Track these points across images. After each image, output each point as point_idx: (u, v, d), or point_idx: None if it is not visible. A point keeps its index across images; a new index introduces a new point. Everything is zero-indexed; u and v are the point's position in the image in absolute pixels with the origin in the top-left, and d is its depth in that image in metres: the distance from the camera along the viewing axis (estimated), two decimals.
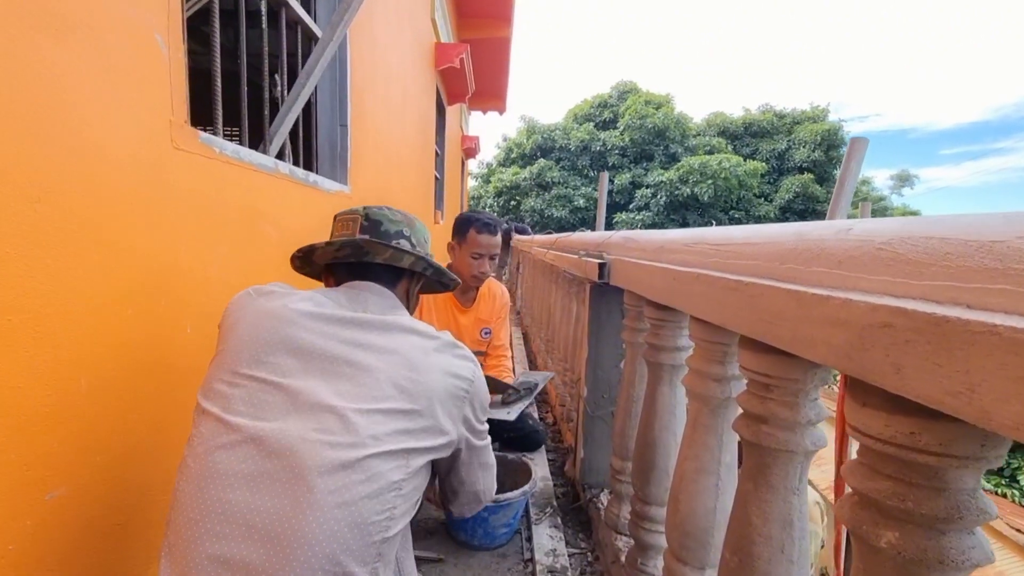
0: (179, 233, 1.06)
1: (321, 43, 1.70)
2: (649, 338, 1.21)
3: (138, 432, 0.96)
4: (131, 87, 0.92)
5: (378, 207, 1.01)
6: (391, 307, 0.92)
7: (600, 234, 1.80)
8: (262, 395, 0.73)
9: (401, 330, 0.84)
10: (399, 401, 0.77)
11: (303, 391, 0.73)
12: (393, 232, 0.98)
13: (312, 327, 0.79)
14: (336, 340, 0.79)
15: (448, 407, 0.82)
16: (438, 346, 0.86)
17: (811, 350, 0.55)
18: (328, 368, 0.76)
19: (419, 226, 1.05)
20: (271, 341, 0.77)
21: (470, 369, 0.88)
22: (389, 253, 0.93)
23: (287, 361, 0.76)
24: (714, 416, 0.95)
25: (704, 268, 0.87)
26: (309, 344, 0.77)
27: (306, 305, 0.82)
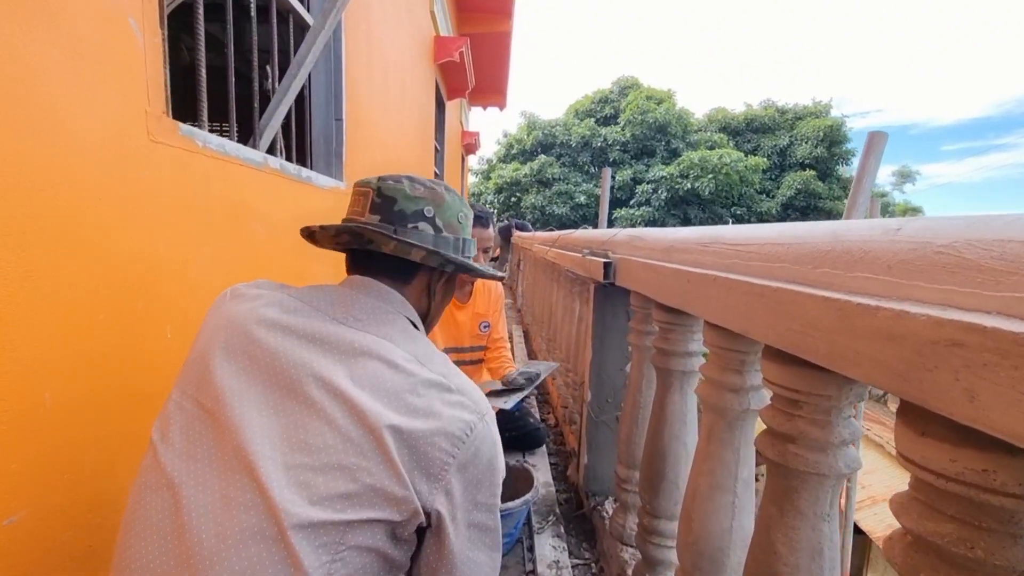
0: (158, 231, 1.00)
1: (313, 31, 1.63)
2: (658, 342, 1.14)
3: (111, 447, 0.89)
4: (102, 75, 0.85)
5: (396, 179, 0.80)
6: (384, 315, 0.74)
7: (604, 232, 1.73)
8: (198, 426, 0.63)
9: (370, 357, 0.66)
10: (342, 454, 0.60)
11: (233, 429, 0.60)
12: (410, 212, 0.78)
13: (268, 341, 0.66)
14: (289, 362, 0.65)
15: (414, 468, 0.62)
16: (417, 385, 0.66)
17: (854, 367, 0.48)
18: (270, 397, 0.63)
19: (451, 202, 0.83)
20: (221, 356, 0.66)
21: (464, 424, 0.66)
22: (393, 245, 0.74)
23: (231, 382, 0.64)
24: (731, 429, 0.88)
25: (721, 270, 0.81)
26: (259, 363, 0.65)
27: (274, 311, 0.70)
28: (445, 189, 0.84)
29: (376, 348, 0.68)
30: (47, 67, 0.74)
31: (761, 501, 0.72)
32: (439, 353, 0.75)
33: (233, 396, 0.63)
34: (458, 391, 0.69)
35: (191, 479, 0.59)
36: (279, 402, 0.63)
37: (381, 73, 2.86)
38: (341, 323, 0.70)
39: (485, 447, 0.69)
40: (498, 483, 0.73)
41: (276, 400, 0.63)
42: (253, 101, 1.58)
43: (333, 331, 0.68)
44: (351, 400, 0.62)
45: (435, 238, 0.80)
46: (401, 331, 0.74)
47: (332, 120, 2.19)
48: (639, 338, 1.34)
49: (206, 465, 0.60)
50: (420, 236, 0.79)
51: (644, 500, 1.19)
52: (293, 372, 0.64)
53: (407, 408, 0.64)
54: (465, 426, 0.66)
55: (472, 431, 0.67)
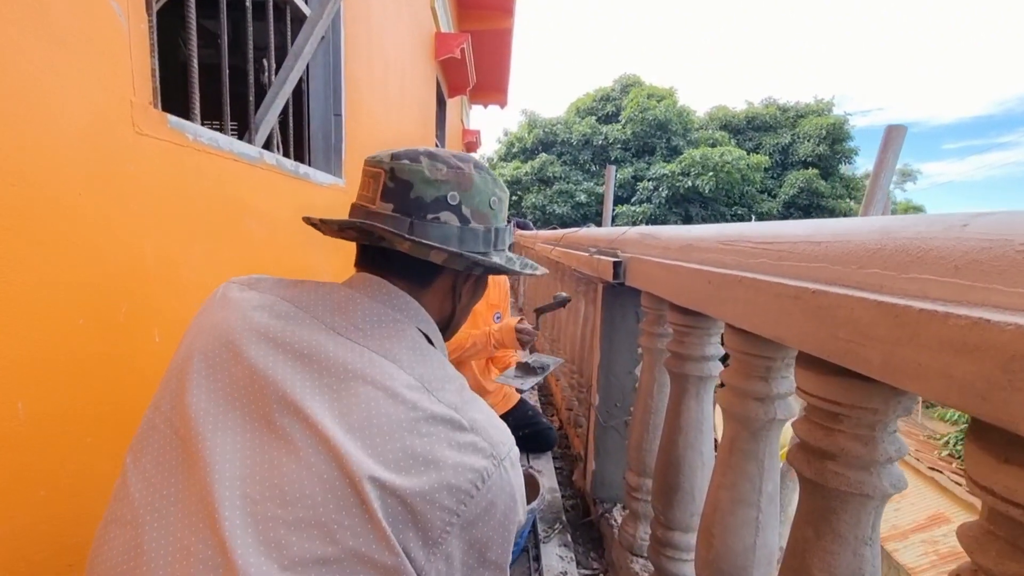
0: (145, 229, 0.94)
1: (310, 21, 1.57)
2: (673, 346, 1.09)
3: (91, 460, 0.84)
4: (83, 62, 0.79)
5: (412, 156, 0.65)
6: (392, 326, 0.61)
7: (612, 230, 1.67)
8: (169, 456, 0.55)
9: (364, 382, 0.55)
10: (321, 508, 0.49)
11: (202, 465, 0.51)
12: (431, 200, 0.64)
13: (249, 357, 0.56)
14: (269, 385, 0.54)
15: (407, 530, 0.50)
16: (420, 422, 0.54)
17: (917, 382, 0.42)
18: (247, 428, 0.53)
19: (481, 185, 0.67)
20: (198, 374, 0.57)
21: (475, 474, 0.53)
22: (408, 246, 0.61)
23: (207, 406, 0.55)
24: (755, 440, 0.82)
25: (747, 270, 0.75)
26: (237, 383, 0.56)
27: (264, 316, 0.59)
28: (475, 166, 0.68)
29: (373, 371, 0.56)
30: (22, 53, 0.69)
31: (794, 521, 0.67)
32: (455, 375, 0.62)
33: (207, 424, 0.54)
34: (472, 429, 0.56)
35: (156, 519, 0.52)
36: (255, 436, 0.53)
37: (381, 68, 2.80)
38: (339, 333, 0.59)
39: (501, 500, 0.56)
40: (511, 536, 0.60)
41: (252, 433, 0.53)
42: (249, 95, 1.52)
43: (326, 345, 0.57)
44: (332, 441, 0.51)
45: (461, 231, 0.65)
46: (409, 347, 0.61)
47: (331, 115, 2.13)
48: (651, 340, 1.28)
49: (172, 504, 0.52)
50: (443, 231, 0.64)
51: (658, 511, 1.13)
52: (272, 398, 0.54)
53: (404, 455, 0.52)
54: (476, 476, 0.53)
55: (485, 482, 0.54)
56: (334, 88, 2.13)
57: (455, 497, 0.52)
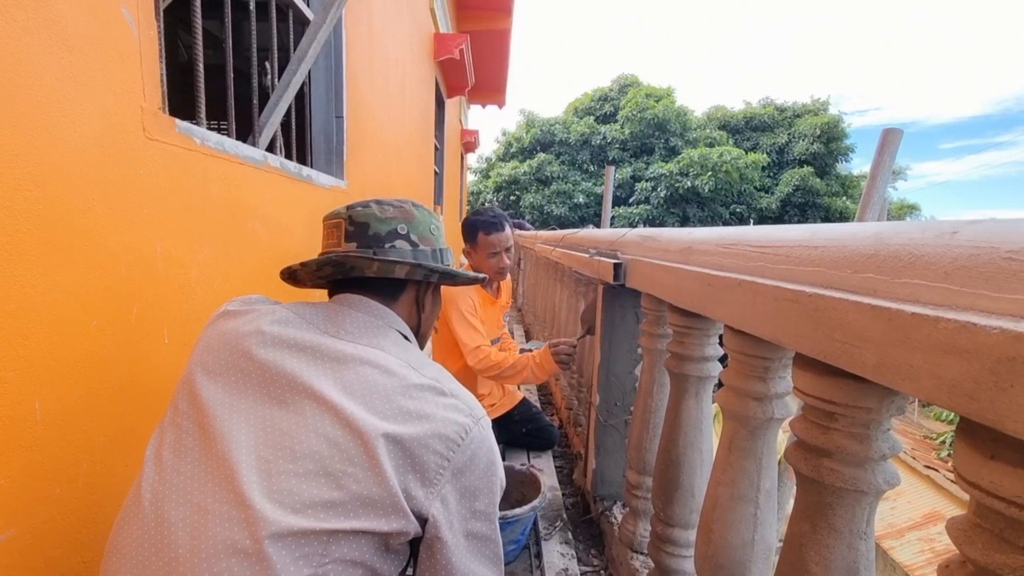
0: (154, 232, 0.96)
1: (313, 25, 1.59)
2: (673, 346, 1.11)
3: (106, 458, 0.86)
4: (94, 68, 0.81)
5: (364, 204, 0.82)
6: (375, 328, 0.74)
7: (612, 232, 1.69)
8: (187, 440, 0.62)
9: (361, 363, 0.66)
10: (328, 460, 0.58)
11: (219, 438, 0.59)
12: (385, 233, 0.80)
13: (258, 354, 0.66)
14: (279, 373, 0.64)
15: (408, 472, 0.60)
16: (410, 388, 0.65)
17: (909, 383, 0.44)
18: (259, 409, 0.62)
19: (421, 217, 0.85)
20: (207, 377, 0.65)
21: (459, 427, 0.64)
22: (376, 266, 0.75)
23: (221, 396, 0.63)
24: (752, 438, 0.85)
25: (745, 273, 0.77)
26: (250, 375, 0.65)
27: (266, 322, 0.70)
28: (413, 205, 0.86)
29: (367, 355, 0.68)
30: (34, 60, 0.70)
31: (791, 516, 0.69)
32: (434, 363, 0.75)
33: (222, 408, 0.62)
34: (452, 395, 0.68)
35: (174, 493, 0.58)
36: (268, 413, 0.62)
37: (382, 70, 2.81)
38: (333, 336, 0.70)
39: (482, 452, 0.67)
40: (497, 491, 0.70)
41: (265, 411, 0.62)
42: (252, 98, 1.54)
43: (324, 342, 0.68)
44: (339, 407, 0.61)
45: (414, 252, 0.82)
46: (393, 342, 0.74)
47: (333, 117, 2.15)
48: (651, 341, 1.30)
49: (189, 477, 0.59)
50: (400, 253, 0.80)
51: (657, 508, 1.15)
52: (283, 382, 0.64)
53: (399, 411, 0.63)
54: (460, 428, 0.65)
55: (467, 434, 0.65)
56: (336, 90, 2.14)
57: (445, 444, 0.63)
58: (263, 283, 1.41)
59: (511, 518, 1.40)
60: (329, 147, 2.16)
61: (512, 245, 1.96)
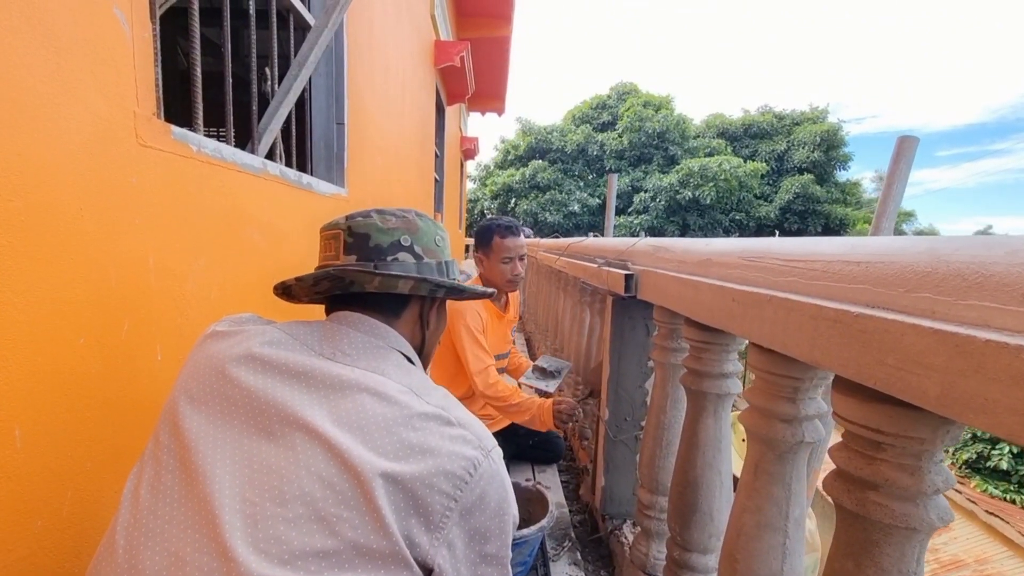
0: (147, 243, 0.91)
1: (315, 30, 1.55)
2: (690, 362, 1.06)
3: (93, 486, 0.80)
4: (84, 71, 0.76)
5: (365, 214, 0.76)
6: (375, 350, 0.67)
7: (621, 241, 1.65)
8: (167, 478, 0.56)
9: (358, 390, 0.59)
10: (321, 503, 0.52)
11: (201, 476, 0.53)
12: (387, 245, 0.74)
13: (245, 380, 0.60)
14: (267, 402, 0.58)
15: (410, 517, 0.54)
16: (413, 418, 0.58)
17: (982, 416, 0.40)
18: (245, 442, 0.56)
19: (425, 228, 0.78)
20: (190, 405, 0.60)
21: (466, 461, 0.58)
22: (378, 281, 0.69)
23: (204, 428, 0.57)
24: (781, 463, 0.80)
25: (773, 288, 0.73)
26: (235, 404, 0.59)
27: (255, 343, 0.63)
28: (416, 215, 0.80)
29: (366, 381, 0.61)
30: (21, 61, 0.66)
31: (830, 552, 0.64)
32: (438, 387, 0.68)
33: (205, 441, 0.56)
34: (459, 424, 0.61)
35: (150, 538, 0.52)
36: (255, 447, 0.56)
37: (382, 76, 2.78)
38: (328, 359, 0.64)
39: (492, 489, 0.60)
40: (509, 531, 0.64)
41: (252, 445, 0.56)
42: (252, 104, 1.50)
43: (319, 366, 0.62)
44: (332, 441, 0.55)
45: (418, 266, 0.76)
46: (395, 365, 0.67)
47: (333, 124, 2.11)
48: (664, 355, 1.25)
49: (167, 521, 0.53)
50: (403, 267, 0.74)
51: (674, 532, 1.10)
52: (272, 412, 0.58)
53: (400, 445, 0.56)
54: (468, 464, 0.58)
55: (476, 469, 0.59)
56: (336, 96, 2.10)
57: (451, 482, 0.56)
58: (261, 295, 1.36)
59: (519, 539, 1.35)
60: (330, 154, 2.12)
61: (526, 254, 1.89)
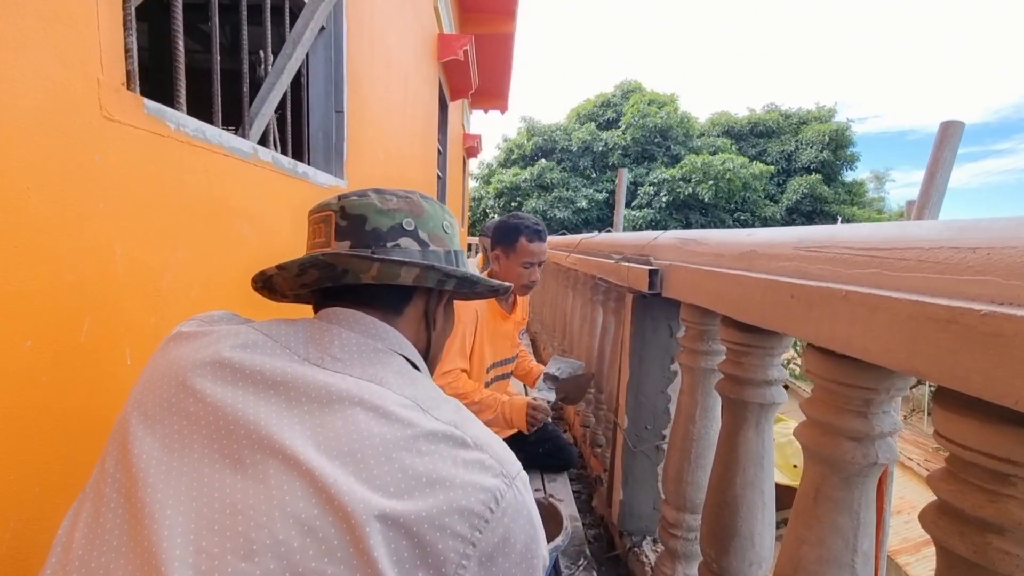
0: (113, 231, 0.80)
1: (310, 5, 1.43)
2: (727, 367, 0.94)
3: (42, 514, 0.69)
4: (32, 28, 0.65)
5: (361, 193, 0.64)
6: (373, 353, 0.56)
7: (640, 235, 1.53)
8: (107, 517, 0.44)
9: (351, 404, 0.48)
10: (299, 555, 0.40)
11: (146, 519, 0.41)
12: (387, 229, 0.62)
13: (211, 393, 0.48)
14: (237, 420, 0.46)
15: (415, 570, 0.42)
16: (418, 438, 0.47)
17: None
18: (206, 472, 0.44)
19: (431, 211, 0.66)
20: (144, 423, 0.47)
21: (486, 494, 0.46)
22: (376, 269, 0.57)
23: (155, 453, 0.45)
24: (847, 487, 0.68)
25: (848, 282, 0.61)
26: (197, 423, 0.47)
27: (225, 347, 0.52)
28: (421, 196, 0.67)
29: (360, 392, 0.49)
30: None
31: None
32: (448, 397, 0.56)
33: (157, 472, 0.44)
34: (476, 446, 0.49)
35: None
36: (216, 480, 0.44)
37: (384, 65, 2.67)
38: (315, 364, 0.52)
39: (518, 526, 0.48)
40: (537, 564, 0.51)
41: (214, 477, 0.44)
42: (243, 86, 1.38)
43: (303, 374, 0.50)
44: (315, 473, 0.42)
45: (423, 254, 0.64)
46: (396, 371, 0.55)
47: (332, 112, 1.99)
48: (693, 358, 1.14)
49: None
50: (404, 254, 0.62)
51: (709, 557, 0.99)
52: (240, 433, 0.45)
53: (403, 476, 0.44)
54: (488, 497, 0.46)
55: (499, 503, 0.46)
56: (335, 83, 1.99)
57: (468, 522, 0.44)
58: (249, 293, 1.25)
59: None
60: (328, 144, 2.01)
61: (544, 261, 1.77)
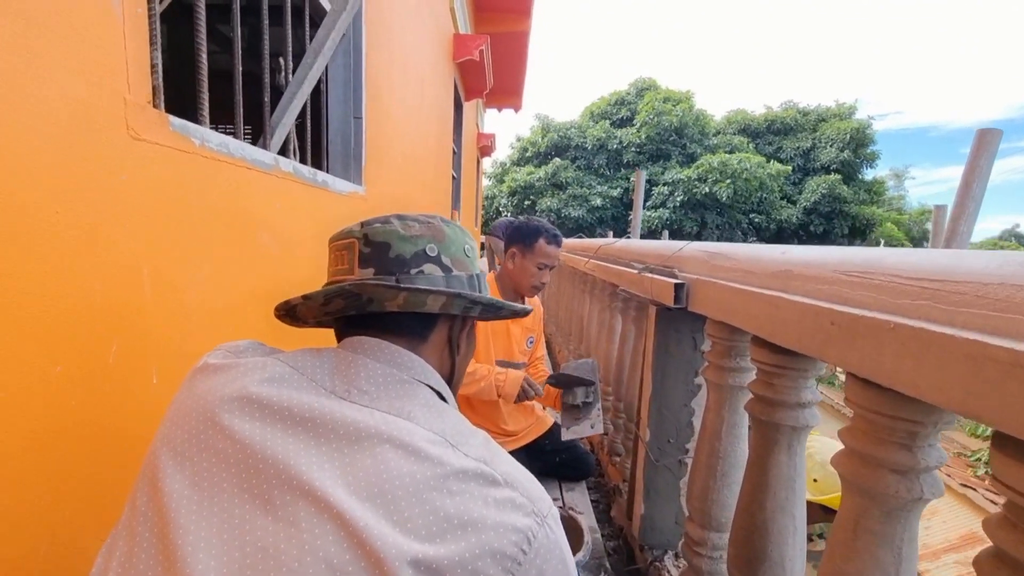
0: (140, 249, 0.80)
1: (332, 14, 1.43)
2: (758, 387, 0.92)
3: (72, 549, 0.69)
4: (61, 48, 0.65)
5: (383, 220, 0.64)
6: (399, 385, 0.56)
7: (663, 244, 1.51)
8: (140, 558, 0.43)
9: (380, 442, 0.48)
10: None
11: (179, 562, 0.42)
12: (410, 256, 0.62)
13: (240, 430, 0.48)
14: (263, 454, 0.46)
15: None
16: (449, 478, 0.47)
17: None
18: (231, 511, 0.44)
19: (452, 235, 0.67)
20: (174, 460, 0.48)
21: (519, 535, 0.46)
22: (402, 298, 0.58)
23: (187, 492, 0.45)
24: (889, 521, 0.66)
25: (893, 313, 0.58)
26: (228, 460, 0.47)
27: (253, 380, 0.52)
28: (442, 221, 0.68)
29: (388, 429, 0.49)
30: None
31: None
32: (477, 430, 0.56)
33: (188, 512, 0.44)
34: (507, 483, 0.49)
35: None
36: (248, 521, 0.44)
37: (401, 68, 2.66)
38: (341, 398, 0.52)
39: (551, 567, 0.47)
40: None
41: (244, 518, 0.44)
42: (264, 96, 1.38)
43: (330, 409, 0.50)
44: (346, 516, 0.43)
45: (447, 279, 0.64)
46: (423, 404, 0.55)
47: (351, 118, 1.99)
48: (719, 375, 1.11)
49: None
50: (430, 281, 0.62)
51: None
52: (270, 473, 0.46)
53: (435, 519, 0.44)
54: (520, 538, 0.46)
55: (531, 544, 0.46)
56: (354, 89, 1.99)
57: (501, 565, 0.44)
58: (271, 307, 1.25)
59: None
60: (347, 150, 2.01)
61: (556, 265, 1.85)
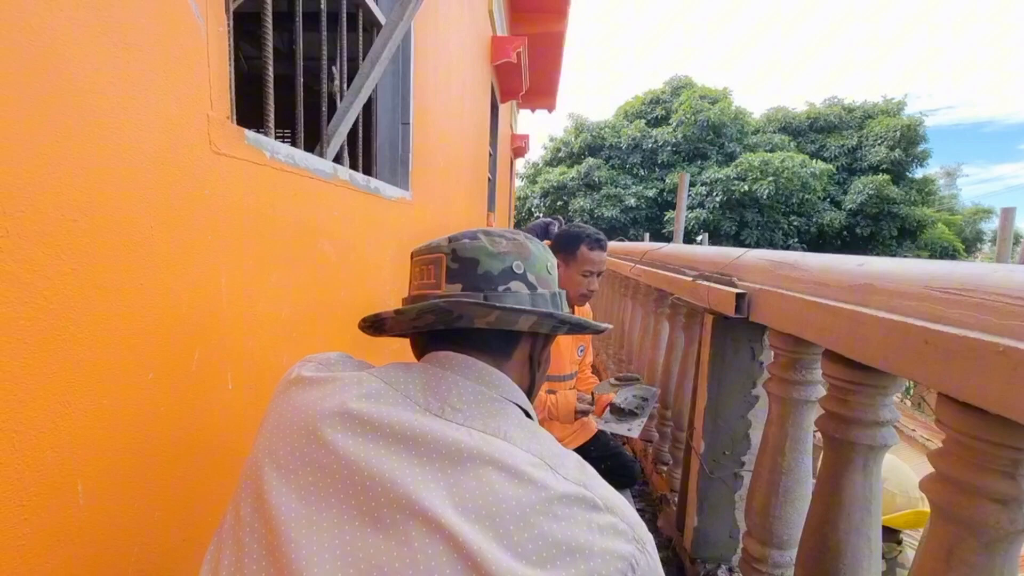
0: (219, 261, 0.83)
1: (388, 26, 1.45)
2: (832, 404, 0.89)
3: (161, 539, 0.72)
4: (156, 70, 0.68)
5: (471, 235, 0.64)
6: (490, 403, 0.55)
7: (717, 251, 1.47)
8: (250, 568, 0.45)
9: (482, 463, 0.47)
10: None
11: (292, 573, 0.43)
12: (498, 273, 0.61)
13: (343, 446, 0.48)
14: (372, 475, 0.47)
15: None
16: (553, 502, 0.46)
17: None
18: (342, 527, 0.45)
19: (536, 253, 0.65)
20: (278, 472, 0.49)
21: (623, 563, 0.45)
22: (494, 316, 0.58)
23: (294, 505, 0.46)
24: (988, 553, 0.62)
25: (998, 334, 0.55)
26: (332, 475, 0.47)
27: (351, 396, 0.52)
28: (526, 237, 0.68)
29: (490, 450, 0.49)
30: (83, 60, 0.58)
31: None
32: (568, 451, 0.55)
33: (299, 526, 0.45)
34: (607, 508, 0.48)
35: None
36: (359, 538, 0.44)
37: (445, 74, 2.69)
38: (436, 415, 0.52)
39: None
40: None
41: (356, 535, 0.44)
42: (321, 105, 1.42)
43: (428, 427, 0.50)
44: (459, 538, 0.42)
45: (532, 297, 0.63)
46: (517, 424, 0.54)
47: (399, 124, 2.02)
48: (783, 388, 1.08)
49: None
50: (517, 299, 0.62)
51: None
52: (378, 490, 0.46)
53: (543, 544, 0.44)
54: (625, 566, 0.45)
55: (635, 571, 0.45)
56: (403, 95, 2.02)
57: None
58: (332, 310, 1.28)
59: None
60: (394, 156, 2.04)
61: (603, 271, 1.79)
